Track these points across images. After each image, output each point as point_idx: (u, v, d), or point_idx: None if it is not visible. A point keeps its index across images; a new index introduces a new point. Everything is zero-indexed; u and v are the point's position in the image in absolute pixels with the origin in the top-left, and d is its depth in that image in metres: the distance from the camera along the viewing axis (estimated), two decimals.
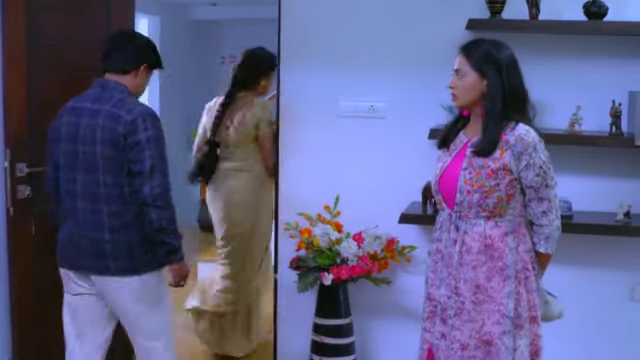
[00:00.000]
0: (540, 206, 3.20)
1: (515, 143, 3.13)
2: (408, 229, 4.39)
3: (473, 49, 3.22)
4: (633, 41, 4.14)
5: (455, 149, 3.32)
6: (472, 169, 3.19)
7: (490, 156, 3.15)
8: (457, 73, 3.23)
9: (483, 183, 3.15)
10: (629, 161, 4.20)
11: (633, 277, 4.29)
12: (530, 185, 3.18)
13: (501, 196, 3.16)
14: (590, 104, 4.12)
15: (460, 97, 3.23)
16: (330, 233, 4.31)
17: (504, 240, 3.18)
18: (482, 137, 3.19)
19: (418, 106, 4.37)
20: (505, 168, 3.15)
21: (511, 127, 3.17)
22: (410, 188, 4.36)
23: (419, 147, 4.35)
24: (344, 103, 4.46)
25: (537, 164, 3.14)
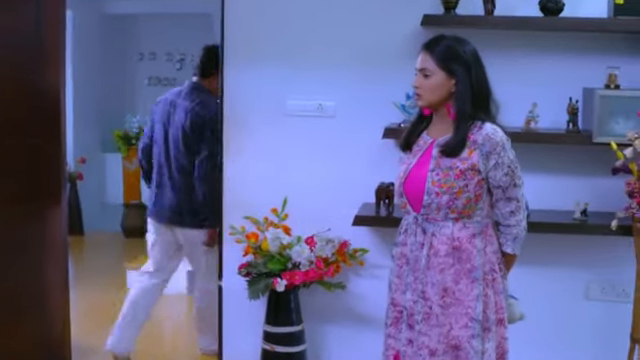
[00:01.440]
0: (508, 206, 3.27)
1: (483, 142, 3.19)
2: (360, 231, 4.42)
3: (438, 47, 3.25)
4: (588, 37, 4.25)
5: (419, 150, 3.35)
6: (440, 170, 3.23)
7: (458, 156, 3.21)
8: (422, 72, 3.26)
9: (452, 184, 3.19)
10: (586, 159, 4.31)
11: (588, 275, 4.42)
12: (498, 185, 3.24)
13: (470, 197, 3.21)
14: (546, 101, 4.23)
15: (426, 97, 3.26)
16: (281, 237, 4.32)
17: (472, 242, 3.23)
18: (452, 137, 3.24)
19: (369, 105, 4.41)
20: (473, 168, 3.20)
21: (478, 126, 3.22)
22: (362, 189, 4.39)
23: (371, 147, 4.39)
24: (292, 102, 4.46)
25: (505, 163, 3.21)
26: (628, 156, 3.95)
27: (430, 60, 3.24)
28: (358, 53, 4.40)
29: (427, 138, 3.35)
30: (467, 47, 3.27)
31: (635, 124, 4.02)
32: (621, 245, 4.28)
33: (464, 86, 3.21)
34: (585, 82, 4.25)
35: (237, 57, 4.49)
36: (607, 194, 4.30)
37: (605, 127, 4.08)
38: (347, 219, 4.32)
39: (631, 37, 4.25)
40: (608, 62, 4.18)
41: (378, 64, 4.37)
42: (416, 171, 3.30)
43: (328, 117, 4.45)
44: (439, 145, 3.27)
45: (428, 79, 3.24)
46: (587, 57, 4.26)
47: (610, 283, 4.42)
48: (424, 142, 3.35)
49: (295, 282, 4.26)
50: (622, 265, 4.35)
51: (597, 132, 4.08)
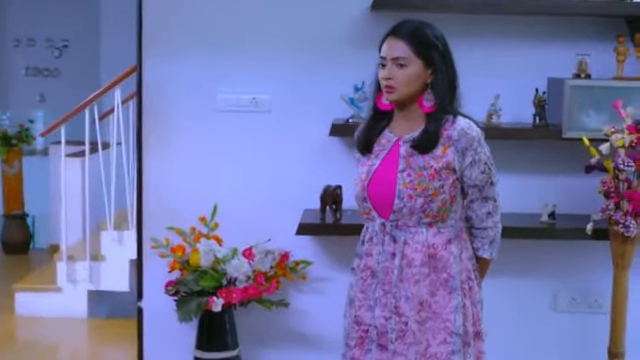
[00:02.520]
0: (484, 207, 3.24)
1: (459, 138, 3.14)
2: (301, 242, 4.36)
3: (412, 32, 3.18)
4: (554, 21, 4.27)
5: (382, 149, 3.27)
6: (411, 170, 3.17)
7: (431, 154, 3.16)
8: (395, 62, 3.17)
9: (427, 185, 3.14)
10: (555, 156, 4.31)
11: (556, 285, 4.43)
12: (474, 184, 3.20)
13: (445, 199, 3.16)
14: (509, 93, 4.20)
15: (400, 90, 3.18)
16: (215, 250, 4.19)
17: (448, 248, 3.19)
18: (424, 132, 3.18)
19: (311, 98, 4.35)
20: (449, 167, 3.15)
21: (450, 121, 3.18)
22: (304, 193, 4.35)
23: (314, 145, 4.36)
24: (222, 96, 4.38)
25: (482, 160, 3.18)
26: (604, 152, 3.94)
27: (405, 48, 3.16)
28: (298, 40, 4.32)
29: (391, 136, 3.27)
30: (438, 32, 3.21)
31: (609, 117, 4.03)
32: (593, 250, 4.31)
33: (442, 76, 3.16)
34: (551, 71, 4.23)
35: (158, 46, 4.35)
36: (577, 195, 4.32)
37: (576, 121, 4.08)
38: (287, 227, 4.29)
39: (601, 21, 4.27)
40: (577, 49, 4.19)
41: (321, 52, 4.31)
42: (382, 173, 3.22)
43: (263, 112, 4.37)
44: (408, 142, 3.20)
45: (403, 69, 3.16)
46: (553, 44, 4.28)
47: (580, 293, 4.44)
48: (387, 141, 3.27)
49: (232, 301, 4.13)
50: (594, 273, 4.38)
51: (567, 126, 4.08)
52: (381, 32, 4.16)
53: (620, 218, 3.95)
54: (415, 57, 3.15)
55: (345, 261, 4.32)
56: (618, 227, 3.96)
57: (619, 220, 3.95)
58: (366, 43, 4.25)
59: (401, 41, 3.18)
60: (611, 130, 3.95)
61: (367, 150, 3.30)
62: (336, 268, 4.41)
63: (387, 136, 3.28)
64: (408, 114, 3.24)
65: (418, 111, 3.22)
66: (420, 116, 3.22)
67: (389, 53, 3.19)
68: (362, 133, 3.35)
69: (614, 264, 4.06)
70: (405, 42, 3.17)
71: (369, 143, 3.30)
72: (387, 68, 3.20)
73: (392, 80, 3.18)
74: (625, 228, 3.94)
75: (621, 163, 3.92)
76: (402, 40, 3.18)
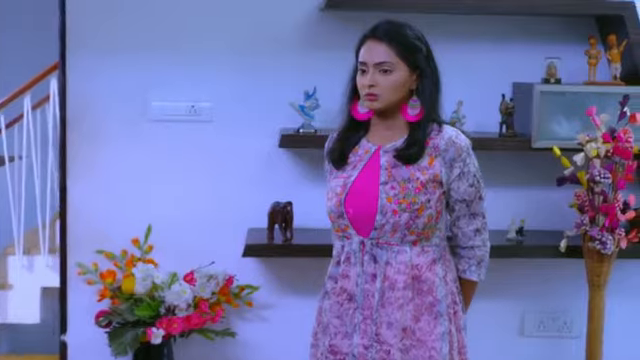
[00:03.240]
0: (472, 223, 3.19)
1: (446, 148, 3.09)
2: (248, 264, 4.28)
3: (395, 34, 3.10)
4: (519, 22, 4.26)
5: (360, 160, 3.19)
6: (395, 183, 3.09)
7: (416, 165, 3.10)
8: (379, 67, 3.09)
9: (413, 199, 3.06)
10: (524, 167, 4.28)
11: (522, 307, 4.40)
12: (462, 198, 3.14)
13: (432, 214, 3.09)
14: (473, 99, 4.16)
15: (385, 97, 3.09)
16: (154, 275, 4.07)
17: (433, 269, 3.12)
18: (408, 140, 3.11)
19: (256, 106, 4.29)
20: (435, 179, 3.09)
21: (436, 129, 3.13)
22: (249, 211, 4.29)
23: (261, 158, 4.31)
24: (157, 104, 4.29)
25: (471, 172, 3.13)
26: (579, 163, 3.91)
27: (389, 51, 3.07)
28: (242, 42, 4.26)
29: (369, 146, 3.18)
30: (419, 32, 3.16)
31: (581, 125, 4.02)
32: (564, 269, 4.31)
33: (428, 81, 3.11)
34: (518, 76, 4.23)
35: (85, 48, 4.24)
36: (547, 209, 4.32)
37: (546, 129, 4.06)
38: (231, 249, 4.23)
39: (571, 21, 4.27)
40: (545, 52, 4.17)
41: (267, 55, 4.25)
42: (360, 185, 3.13)
43: (203, 122, 4.30)
44: (390, 152, 3.13)
45: (388, 75, 3.07)
46: (520, 46, 4.28)
47: (550, 315, 4.42)
48: (365, 151, 3.19)
49: (173, 331, 4.00)
50: (565, 293, 4.37)
51: (536, 135, 4.05)
52: (333, 33, 4.24)
53: (596, 234, 3.92)
54: (400, 61, 3.07)
55: (296, 285, 4.34)
56: (594, 244, 3.94)
57: (595, 236, 3.92)
58: (317, 45, 4.26)
59: (383, 44, 3.08)
60: (587, 139, 3.91)
61: (342, 162, 3.21)
62: (286, 293, 4.33)
63: (365, 145, 3.19)
64: (389, 122, 3.16)
65: (400, 119, 3.15)
66: (402, 124, 3.15)
67: (371, 58, 3.10)
68: (336, 144, 3.25)
69: (589, 284, 4.03)
70: (388, 45, 3.08)
71: (344, 155, 3.21)
72: (369, 74, 3.09)
73: (376, 87, 3.08)
74: (602, 245, 3.91)
75: (597, 175, 3.88)
76: (384, 43, 3.08)
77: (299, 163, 4.26)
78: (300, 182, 4.27)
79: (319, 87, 4.12)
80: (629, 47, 4.12)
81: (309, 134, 4.10)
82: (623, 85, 4.12)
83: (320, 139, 4.05)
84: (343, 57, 4.15)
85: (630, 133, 3.94)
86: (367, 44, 3.11)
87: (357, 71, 3.16)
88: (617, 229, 3.96)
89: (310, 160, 4.25)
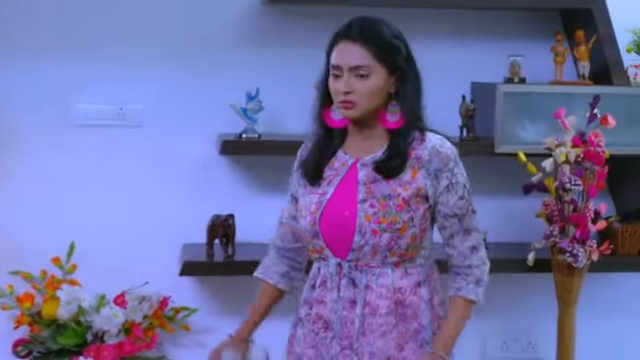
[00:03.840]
0: (467, 240, 3.07)
1: (430, 158, 2.98)
2: (184, 284, 4.19)
3: (371, 33, 2.99)
4: (479, 17, 4.26)
5: (336, 174, 3.07)
6: (375, 200, 2.98)
7: (398, 179, 2.99)
8: (354, 71, 2.97)
9: (394, 218, 2.95)
10: (487, 173, 4.19)
11: (484, 326, 4.31)
12: (453, 213, 3.03)
13: (415, 233, 2.98)
14: (430, 101, 3.89)
15: (363, 104, 2.97)
16: (81, 298, 3.96)
17: (417, 292, 3.02)
18: (389, 150, 3.00)
19: (192, 109, 4.25)
20: (419, 194, 2.98)
21: (419, 138, 3.02)
22: (186, 225, 4.24)
23: (197, 166, 4.28)
24: (80, 107, 4.22)
25: (460, 183, 3.03)
26: (548, 169, 3.86)
27: (365, 53, 2.94)
28: (175, 39, 4.22)
29: (345, 158, 3.06)
30: (396, 29, 3.06)
31: (547, 128, 3.99)
32: (529, 285, 4.29)
33: (409, 84, 3.01)
34: (479, 75, 4.19)
35: None
36: (512, 220, 4.31)
37: (510, 133, 4.03)
38: (164, 267, 4.17)
39: (535, 16, 4.27)
40: (508, 49, 4.15)
41: (204, 54, 4.23)
42: (337, 203, 3.01)
43: (133, 126, 4.24)
44: (368, 165, 3.02)
45: (365, 80, 2.95)
46: (480, 43, 4.27)
47: (513, 335, 4.40)
48: (341, 163, 3.07)
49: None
50: (529, 311, 4.36)
51: (500, 139, 4.02)
52: (277, 28, 4.15)
53: (567, 246, 3.86)
54: (378, 64, 2.94)
55: (239, 306, 4.08)
56: (564, 256, 3.89)
57: (565, 248, 3.87)
58: (260, 42, 4.21)
59: (358, 45, 2.95)
60: (556, 143, 3.86)
61: (317, 177, 3.09)
62: (227, 315, 4.21)
63: (341, 158, 3.06)
64: (366, 132, 3.03)
65: (379, 127, 3.03)
66: (382, 133, 3.02)
67: (345, 61, 2.95)
68: (310, 157, 3.11)
69: (559, 300, 3.99)
70: (364, 46, 2.94)
71: (319, 169, 3.09)
72: (344, 79, 2.95)
73: (352, 94, 2.94)
74: (573, 257, 3.86)
75: (567, 182, 3.82)
76: (360, 44, 2.95)
77: (241, 171, 4.20)
78: (242, 192, 4.20)
79: (262, 88, 4.03)
80: (599, 43, 4.07)
81: (252, 140, 4.01)
82: (592, 85, 4.08)
83: (264, 145, 4.03)
84: (288, 54, 4.18)
85: (601, 137, 3.87)
86: (340, 45, 2.97)
87: (328, 73, 3.03)
88: (588, 240, 3.90)
89: (253, 168, 4.19)
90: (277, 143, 3.97)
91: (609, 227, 4.07)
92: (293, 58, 4.10)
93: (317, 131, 3.13)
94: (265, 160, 4.07)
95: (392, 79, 2.97)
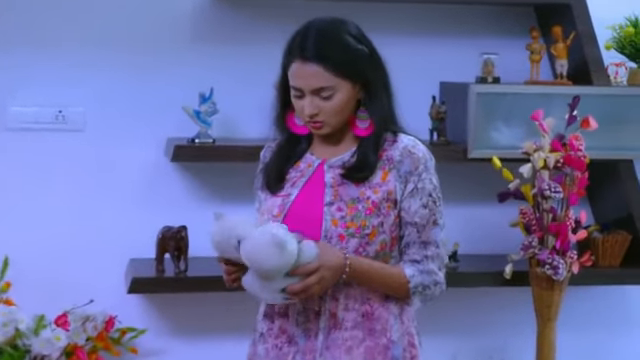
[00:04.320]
0: (422, 253, 3.02)
1: (401, 159, 2.94)
2: (131, 302, 4.13)
3: (328, 47, 2.91)
4: (449, 12, 4.25)
5: (301, 176, 3.03)
6: (342, 203, 2.94)
7: (367, 182, 2.96)
8: (316, 94, 2.92)
9: (363, 223, 2.91)
10: (459, 180, 4.20)
11: (455, 343, 4.35)
12: (412, 221, 2.97)
13: (385, 240, 2.94)
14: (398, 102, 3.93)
15: (330, 122, 2.95)
16: (18, 319, 3.85)
17: (386, 305, 2.98)
18: (360, 152, 2.97)
19: (139, 111, 4.21)
20: (389, 198, 2.94)
21: (390, 139, 2.99)
22: (132, 238, 4.18)
23: (145, 173, 4.20)
24: (15, 109, 4.16)
25: (427, 189, 2.97)
26: (526, 175, 3.80)
27: (325, 74, 2.89)
28: (119, 37, 4.17)
29: (312, 159, 3.03)
30: (354, 29, 2.99)
31: (523, 131, 3.97)
32: (503, 300, 4.30)
33: (376, 88, 2.97)
34: (449, 74, 4.17)
35: None
36: (484, 230, 4.31)
37: (483, 136, 4.00)
38: (110, 284, 4.10)
39: (508, 12, 4.26)
40: (481, 47, 4.14)
41: (151, 52, 4.18)
42: (302, 206, 2.97)
43: (73, 131, 4.17)
44: (336, 167, 2.98)
45: (330, 100, 2.91)
46: (451, 40, 4.26)
47: (484, 352, 4.38)
48: (307, 165, 3.04)
49: None
50: (503, 327, 4.37)
51: (473, 144, 4.00)
52: (230, 23, 4.12)
53: (546, 257, 3.79)
54: (341, 81, 2.89)
55: (192, 326, 4.19)
56: (544, 269, 3.82)
57: (545, 260, 3.80)
58: (213, 38, 4.22)
59: (316, 65, 2.88)
60: (534, 147, 3.80)
61: (278, 186, 3.04)
62: (179, 336, 4.21)
63: (307, 159, 3.03)
64: (336, 135, 3.01)
65: (349, 132, 3.00)
66: (350, 136, 3.00)
67: (306, 84, 2.90)
68: (272, 162, 3.07)
69: (538, 315, 3.96)
70: (323, 66, 2.88)
71: (281, 174, 3.04)
72: (307, 101, 2.90)
73: (319, 115, 2.92)
74: (553, 270, 3.82)
75: (547, 189, 3.75)
76: (318, 64, 2.88)
77: (194, 179, 4.15)
78: (195, 202, 4.14)
79: (217, 88, 3.95)
80: (577, 40, 4.03)
81: (206, 145, 3.93)
82: (570, 85, 4.03)
83: (219, 151, 3.94)
84: (244, 51, 4.10)
85: (582, 140, 3.81)
86: (296, 66, 2.91)
87: (284, 80, 2.97)
88: (568, 251, 3.85)
89: (207, 176, 4.15)
90: (233, 148, 3.90)
91: (589, 237, 4.00)
92: (250, 55, 4.05)
93: (279, 135, 3.09)
94: (220, 167, 4.01)
95: (358, 86, 2.94)
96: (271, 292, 2.76)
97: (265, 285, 2.75)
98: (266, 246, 2.69)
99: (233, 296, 3.14)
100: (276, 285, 2.74)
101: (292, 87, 2.95)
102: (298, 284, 2.75)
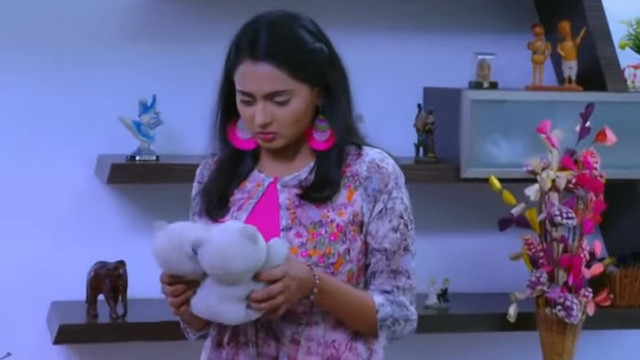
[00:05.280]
0: (392, 283, 2.89)
1: (369, 175, 2.82)
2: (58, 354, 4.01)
3: (283, 45, 2.79)
4: (437, 6, 4.19)
5: (249, 197, 2.86)
6: (302, 228, 2.80)
7: (330, 203, 2.81)
8: (270, 99, 2.77)
9: (327, 250, 2.78)
10: (450, 204, 4.12)
11: None
12: (381, 247, 2.85)
13: (353, 271, 2.82)
14: (377, 112, 3.76)
15: (285, 134, 2.82)
16: None
17: (354, 347, 2.86)
18: (320, 168, 2.83)
19: (64, 123, 4.07)
20: (355, 220, 2.81)
21: (354, 153, 2.86)
22: (55, 277, 4.02)
23: (71, 198, 4.06)
24: None
25: (397, 210, 2.84)
26: (533, 198, 3.65)
27: (282, 75, 2.76)
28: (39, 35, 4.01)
29: (261, 177, 2.87)
30: (310, 24, 2.87)
31: (528, 146, 3.87)
32: (504, 346, 4.24)
33: (337, 92, 2.84)
34: (438, 78, 4.08)
35: None
36: (480, 263, 4.26)
37: (479, 152, 3.89)
38: (32, 333, 3.97)
39: (506, 5, 4.21)
40: (475, 46, 4.08)
41: (78, 53, 4.02)
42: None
43: None
44: (291, 186, 2.82)
45: (285, 106, 2.78)
46: (440, 39, 4.22)
47: None
48: (256, 184, 2.87)
49: None
50: None
51: (467, 161, 3.90)
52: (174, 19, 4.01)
53: (557, 296, 3.60)
54: (298, 83, 2.77)
55: None
56: (555, 310, 3.66)
57: (556, 299, 3.62)
58: (154, 37, 4.07)
59: (269, 66, 2.75)
60: (542, 165, 3.65)
61: (220, 210, 2.90)
62: None
63: (255, 177, 2.87)
64: (288, 150, 2.87)
65: (304, 145, 2.87)
66: (305, 150, 2.88)
67: (257, 88, 2.76)
68: (212, 182, 2.91)
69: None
70: (278, 67, 2.76)
71: (224, 197, 2.89)
72: (259, 108, 2.76)
73: (272, 124, 2.78)
74: (565, 311, 3.65)
75: (558, 214, 3.58)
76: (271, 65, 2.76)
77: (133, 204, 4.03)
78: (135, 232, 3.99)
79: (160, 95, 3.81)
80: (588, 38, 3.88)
81: (149, 163, 3.76)
82: (581, 90, 3.91)
83: (164, 169, 3.78)
84: (191, 52, 3.97)
85: (597, 157, 3.66)
86: (246, 66, 2.79)
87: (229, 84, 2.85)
88: (582, 289, 3.67)
89: (150, 200, 4.02)
90: (181, 167, 3.70)
91: (604, 272, 3.83)
92: (199, 56, 3.95)
93: (220, 150, 2.95)
94: (165, 189, 3.87)
95: (316, 90, 2.83)
96: (232, 302, 2.65)
97: (225, 295, 2.63)
98: (236, 243, 2.57)
99: (182, 346, 3.05)
100: (239, 292, 2.64)
101: (240, 92, 2.82)
102: (261, 290, 2.64)
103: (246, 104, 2.79)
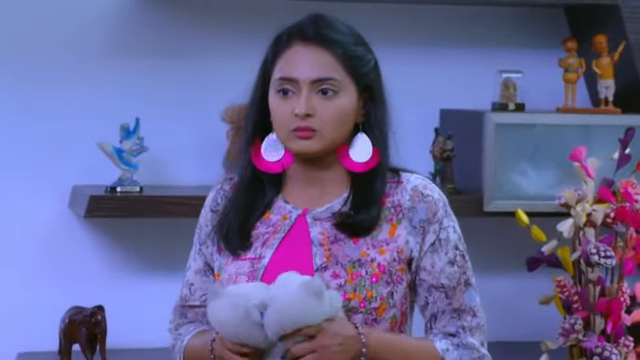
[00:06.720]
0: (457, 324, 2.87)
1: (413, 205, 2.79)
2: None
3: (338, 35, 2.81)
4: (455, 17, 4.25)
5: (275, 232, 2.84)
6: (339, 268, 2.77)
7: (370, 237, 2.78)
8: (318, 86, 2.76)
9: (369, 294, 2.74)
10: (473, 240, 3.87)
11: None
12: (438, 283, 2.82)
13: (396, 317, 2.79)
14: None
15: (326, 134, 2.78)
16: None
17: None
18: (356, 198, 2.79)
19: (35, 149, 4.09)
20: (401, 258, 2.77)
21: (393, 180, 2.83)
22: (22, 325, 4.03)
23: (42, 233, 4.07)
24: None
25: (452, 241, 2.83)
26: (566, 235, 3.62)
27: (335, 63, 2.76)
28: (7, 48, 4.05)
29: (287, 209, 2.84)
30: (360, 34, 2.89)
31: (559, 175, 3.92)
32: None
33: (381, 103, 2.85)
34: (456, 99, 4.09)
35: None
36: (505, 307, 4.26)
37: (505, 182, 3.94)
38: None
39: (532, 16, 4.26)
40: (498, 63, 4.13)
41: (52, 69, 4.05)
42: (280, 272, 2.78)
43: None
44: (324, 219, 2.79)
45: (332, 100, 2.75)
46: (459, 54, 4.25)
47: None
48: (282, 217, 2.85)
49: None
50: None
51: (490, 192, 3.95)
52: (162, 29, 4.00)
53: (594, 346, 3.58)
54: (349, 78, 2.77)
55: None
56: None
57: (593, 349, 3.58)
58: (138, 49, 4.08)
59: (322, 50, 2.76)
60: (576, 197, 3.63)
61: (243, 245, 2.86)
62: None
63: (280, 208, 2.85)
64: (316, 173, 2.84)
65: (335, 169, 2.82)
66: (338, 175, 2.83)
67: (305, 72, 2.75)
68: (231, 212, 2.88)
69: None
70: (330, 52, 2.76)
71: (246, 229, 2.85)
72: (303, 97, 2.74)
73: (313, 118, 2.73)
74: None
75: (595, 253, 3.54)
76: (324, 49, 2.76)
77: (113, 241, 4.05)
78: (115, 272, 4.03)
79: (143, 118, 3.82)
80: (627, 54, 3.88)
81: (132, 195, 3.77)
82: (619, 113, 3.93)
83: (148, 202, 3.78)
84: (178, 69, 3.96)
85: (637, 187, 3.66)
86: (294, 50, 2.79)
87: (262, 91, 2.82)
88: (622, 337, 3.66)
89: (132, 236, 4.04)
90: (168, 199, 3.76)
91: None
92: (187, 74, 3.98)
93: (243, 176, 2.91)
94: (150, 224, 3.88)
95: (361, 102, 2.82)
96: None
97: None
98: (302, 300, 2.60)
99: None
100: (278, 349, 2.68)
101: (280, 80, 2.82)
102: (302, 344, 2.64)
103: (284, 96, 2.79)
